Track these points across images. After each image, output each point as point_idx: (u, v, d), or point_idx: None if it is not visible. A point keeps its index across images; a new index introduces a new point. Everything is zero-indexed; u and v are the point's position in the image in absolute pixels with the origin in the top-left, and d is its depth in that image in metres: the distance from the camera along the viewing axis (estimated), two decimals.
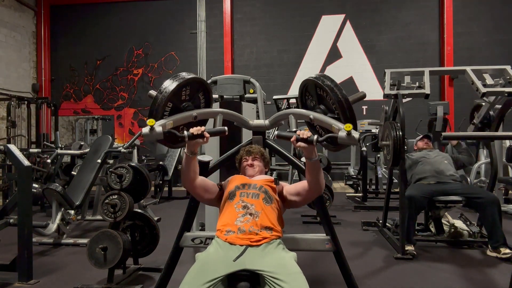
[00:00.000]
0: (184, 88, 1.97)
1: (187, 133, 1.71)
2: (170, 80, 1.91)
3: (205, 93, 2.14)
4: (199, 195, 1.97)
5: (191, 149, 1.79)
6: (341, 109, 1.74)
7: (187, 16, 10.26)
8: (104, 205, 2.83)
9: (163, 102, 1.85)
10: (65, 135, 11.02)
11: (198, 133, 1.71)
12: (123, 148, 4.59)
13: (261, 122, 2.21)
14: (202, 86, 2.10)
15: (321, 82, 1.81)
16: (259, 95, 3.90)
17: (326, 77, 1.83)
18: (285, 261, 1.65)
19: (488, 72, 3.76)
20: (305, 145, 1.66)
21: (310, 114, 1.90)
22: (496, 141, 4.85)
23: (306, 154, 1.72)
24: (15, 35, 10.05)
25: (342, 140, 1.63)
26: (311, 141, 1.64)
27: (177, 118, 1.90)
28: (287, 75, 9.88)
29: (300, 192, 1.92)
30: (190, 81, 1.97)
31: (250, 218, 1.76)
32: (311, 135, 1.65)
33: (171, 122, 1.85)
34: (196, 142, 1.74)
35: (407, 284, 2.82)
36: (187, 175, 1.87)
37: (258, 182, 1.96)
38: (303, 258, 3.19)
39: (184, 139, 1.72)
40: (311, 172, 1.80)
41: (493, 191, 3.95)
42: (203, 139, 1.73)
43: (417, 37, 9.54)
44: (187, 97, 2.02)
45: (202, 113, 2.05)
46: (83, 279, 2.88)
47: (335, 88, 1.76)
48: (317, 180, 1.81)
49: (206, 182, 1.97)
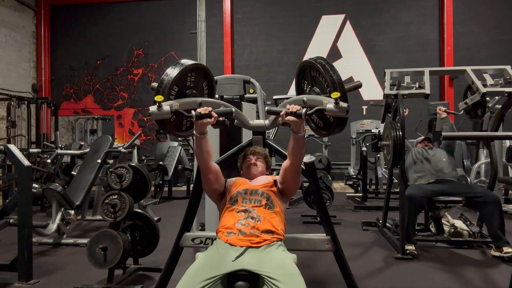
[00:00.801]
0: (189, 74, 1.96)
1: (195, 112, 1.70)
2: (174, 65, 1.91)
3: (208, 83, 2.14)
4: (210, 181, 1.94)
5: (199, 130, 1.77)
6: (332, 85, 1.72)
7: (187, 16, 10.27)
8: (104, 205, 2.83)
9: (169, 83, 1.84)
10: (65, 135, 11.02)
11: (206, 112, 1.71)
12: (123, 148, 4.59)
13: (261, 122, 2.20)
14: (206, 75, 2.10)
15: (313, 61, 1.81)
16: (259, 95, 3.91)
17: (320, 57, 1.83)
18: (284, 262, 1.65)
19: (488, 72, 3.76)
20: (294, 118, 1.66)
21: (304, 97, 1.89)
22: (496, 141, 4.85)
23: (294, 128, 1.72)
24: (15, 35, 10.05)
25: (330, 111, 1.61)
26: (299, 114, 1.64)
27: (183, 102, 1.88)
28: (287, 75, 9.88)
29: (284, 175, 1.95)
30: (195, 67, 1.97)
31: (252, 221, 1.77)
32: (300, 108, 1.66)
33: (177, 104, 1.82)
34: (203, 122, 1.73)
35: (407, 284, 2.82)
36: (200, 156, 1.85)
37: (260, 187, 1.96)
38: (303, 258, 3.20)
39: (192, 118, 1.71)
40: (295, 145, 1.81)
41: (493, 191, 3.95)
42: (211, 119, 1.72)
43: (417, 37, 9.55)
44: (192, 84, 2.02)
45: (206, 102, 2.02)
46: (83, 279, 2.88)
47: (326, 65, 1.76)
48: (298, 153, 1.84)
49: (219, 172, 1.96)
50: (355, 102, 9.33)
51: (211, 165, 1.89)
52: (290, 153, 1.86)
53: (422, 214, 3.82)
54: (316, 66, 1.80)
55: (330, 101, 1.65)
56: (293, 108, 1.65)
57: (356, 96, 9.53)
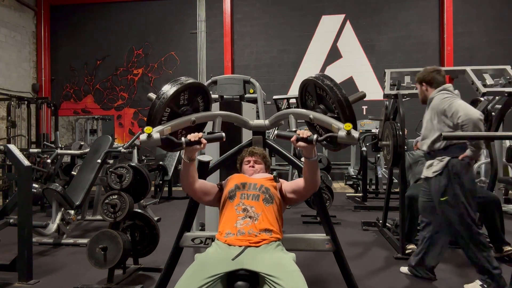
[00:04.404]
0: (182, 93, 1.95)
1: (185, 139, 1.72)
2: (169, 85, 1.89)
3: (204, 96, 2.12)
4: (199, 198, 1.99)
5: (189, 155, 1.80)
6: (340, 108, 1.74)
7: (187, 16, 10.26)
8: (104, 205, 2.83)
9: (161, 107, 1.84)
10: (65, 135, 11.01)
11: (196, 139, 1.72)
12: (123, 148, 4.59)
13: (261, 122, 2.20)
14: (201, 90, 2.08)
15: (320, 82, 1.81)
16: (259, 95, 3.90)
17: (326, 77, 1.83)
18: (283, 260, 1.65)
19: (488, 72, 3.77)
20: (305, 144, 1.66)
21: (310, 114, 1.90)
22: (496, 141, 4.85)
23: (305, 154, 1.72)
24: (15, 35, 10.04)
25: (342, 139, 1.63)
26: (310, 140, 1.64)
27: (175, 124, 1.90)
28: (287, 75, 9.88)
29: (296, 190, 1.94)
30: (189, 85, 1.95)
31: (250, 221, 1.77)
32: (310, 134, 1.66)
33: (169, 128, 1.85)
34: (193, 148, 1.75)
35: (407, 284, 2.82)
36: (186, 180, 1.89)
37: (258, 181, 1.96)
38: (303, 258, 3.19)
39: (182, 145, 1.73)
40: (309, 170, 1.81)
41: (493, 191, 3.94)
42: (201, 145, 1.74)
43: (417, 37, 9.54)
44: (186, 101, 2.01)
45: (201, 117, 2.04)
46: (83, 279, 2.88)
47: (334, 88, 1.76)
48: (314, 179, 1.83)
49: (205, 185, 1.98)
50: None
51: (196, 187, 1.92)
52: (305, 178, 1.85)
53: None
54: (323, 87, 1.80)
55: (339, 125, 1.68)
56: (303, 134, 1.65)
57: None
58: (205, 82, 3.94)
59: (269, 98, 5.74)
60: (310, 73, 7.49)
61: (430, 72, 2.82)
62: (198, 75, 10.08)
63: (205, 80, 9.78)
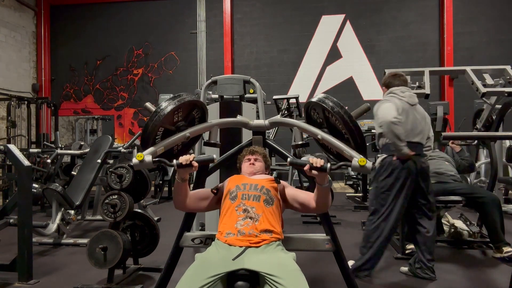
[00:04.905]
0: (176, 112, 1.92)
1: (176, 162, 1.75)
2: (165, 103, 1.86)
3: (198, 109, 2.09)
4: (193, 210, 2.05)
5: (181, 176, 1.83)
6: (351, 136, 1.75)
7: (187, 16, 10.26)
8: (104, 205, 2.83)
9: (154, 130, 1.84)
10: (65, 135, 11.01)
11: (187, 163, 1.75)
12: (123, 148, 4.59)
13: (261, 122, 2.20)
14: (195, 105, 2.05)
15: (330, 109, 1.77)
16: (259, 95, 3.90)
17: (336, 103, 1.79)
18: (284, 260, 1.65)
19: (488, 72, 3.77)
20: (318, 173, 1.68)
21: (318, 134, 1.89)
22: (496, 141, 4.85)
23: (318, 180, 1.74)
24: (15, 35, 10.05)
25: (356, 169, 1.67)
26: (324, 169, 1.66)
27: (169, 143, 1.90)
28: (287, 75, 9.88)
29: (304, 204, 1.95)
30: (182, 104, 1.92)
31: (250, 221, 1.77)
32: (324, 163, 1.67)
33: (162, 148, 1.86)
34: (185, 170, 1.79)
35: (407, 284, 2.82)
36: (178, 199, 1.91)
37: (259, 182, 1.95)
38: (303, 258, 3.19)
39: (174, 167, 1.76)
40: (321, 196, 1.82)
41: (493, 191, 3.95)
42: (192, 168, 1.78)
43: (417, 37, 9.54)
44: (180, 118, 1.99)
45: (195, 131, 2.02)
46: (83, 279, 2.88)
47: (345, 116, 1.74)
48: (325, 203, 1.86)
49: (196, 198, 1.98)
50: (355, 102, 9.31)
51: (187, 204, 1.94)
52: (317, 202, 1.86)
53: None
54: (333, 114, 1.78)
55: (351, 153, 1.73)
56: (317, 164, 1.66)
57: (356, 96, 9.53)
58: (205, 82, 3.94)
59: (269, 98, 5.74)
60: (310, 73, 7.52)
61: (388, 76, 3.09)
62: (198, 75, 10.08)
63: (205, 80, 9.79)
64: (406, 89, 2.98)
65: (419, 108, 2.97)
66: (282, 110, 5.65)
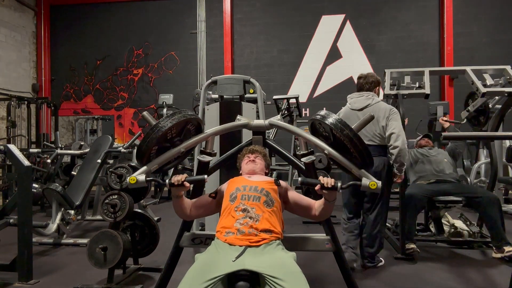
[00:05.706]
0: (169, 130, 1.90)
1: (168, 181, 1.79)
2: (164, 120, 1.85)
3: (193, 123, 2.07)
4: (196, 217, 2.10)
5: (175, 194, 1.88)
6: (360, 157, 1.76)
7: (187, 16, 10.26)
8: (104, 205, 2.83)
9: (147, 150, 1.84)
10: (65, 135, 11.01)
11: (179, 183, 1.79)
12: (123, 148, 4.59)
13: (261, 122, 2.20)
14: (190, 121, 2.03)
15: (339, 131, 1.76)
16: (259, 95, 3.90)
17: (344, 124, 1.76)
18: (284, 260, 1.65)
19: (488, 72, 3.76)
20: (329, 192, 1.74)
21: (325, 150, 1.89)
22: (496, 141, 4.85)
23: (327, 197, 1.80)
24: (15, 35, 10.04)
25: (366, 188, 1.70)
26: (335, 188, 1.71)
27: (162, 160, 1.92)
28: (287, 75, 9.87)
29: (306, 211, 1.99)
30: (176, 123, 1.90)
31: (250, 221, 1.77)
32: (335, 183, 1.71)
33: (156, 166, 1.89)
34: (177, 189, 1.83)
35: (407, 284, 2.82)
36: (178, 212, 1.98)
37: (259, 183, 1.95)
38: (303, 258, 3.20)
39: (166, 186, 1.81)
40: (325, 209, 1.89)
41: (493, 191, 3.95)
42: (184, 187, 1.81)
43: (417, 37, 9.54)
44: (174, 134, 1.98)
45: (190, 144, 2.00)
46: (83, 279, 2.88)
47: (354, 139, 1.74)
48: (327, 214, 1.94)
49: (196, 207, 2.01)
50: None
51: (190, 215, 2.00)
52: (319, 212, 1.93)
53: (422, 214, 3.82)
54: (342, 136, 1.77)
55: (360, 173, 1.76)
56: (328, 184, 1.70)
57: None
58: (205, 82, 3.94)
59: (269, 98, 5.74)
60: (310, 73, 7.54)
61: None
62: (198, 75, 10.08)
63: (205, 80, 9.79)
64: (357, 95, 3.15)
65: (368, 111, 2.98)
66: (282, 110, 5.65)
